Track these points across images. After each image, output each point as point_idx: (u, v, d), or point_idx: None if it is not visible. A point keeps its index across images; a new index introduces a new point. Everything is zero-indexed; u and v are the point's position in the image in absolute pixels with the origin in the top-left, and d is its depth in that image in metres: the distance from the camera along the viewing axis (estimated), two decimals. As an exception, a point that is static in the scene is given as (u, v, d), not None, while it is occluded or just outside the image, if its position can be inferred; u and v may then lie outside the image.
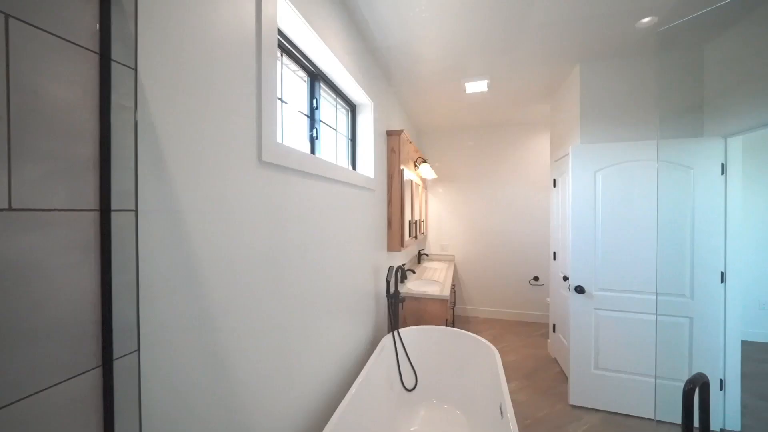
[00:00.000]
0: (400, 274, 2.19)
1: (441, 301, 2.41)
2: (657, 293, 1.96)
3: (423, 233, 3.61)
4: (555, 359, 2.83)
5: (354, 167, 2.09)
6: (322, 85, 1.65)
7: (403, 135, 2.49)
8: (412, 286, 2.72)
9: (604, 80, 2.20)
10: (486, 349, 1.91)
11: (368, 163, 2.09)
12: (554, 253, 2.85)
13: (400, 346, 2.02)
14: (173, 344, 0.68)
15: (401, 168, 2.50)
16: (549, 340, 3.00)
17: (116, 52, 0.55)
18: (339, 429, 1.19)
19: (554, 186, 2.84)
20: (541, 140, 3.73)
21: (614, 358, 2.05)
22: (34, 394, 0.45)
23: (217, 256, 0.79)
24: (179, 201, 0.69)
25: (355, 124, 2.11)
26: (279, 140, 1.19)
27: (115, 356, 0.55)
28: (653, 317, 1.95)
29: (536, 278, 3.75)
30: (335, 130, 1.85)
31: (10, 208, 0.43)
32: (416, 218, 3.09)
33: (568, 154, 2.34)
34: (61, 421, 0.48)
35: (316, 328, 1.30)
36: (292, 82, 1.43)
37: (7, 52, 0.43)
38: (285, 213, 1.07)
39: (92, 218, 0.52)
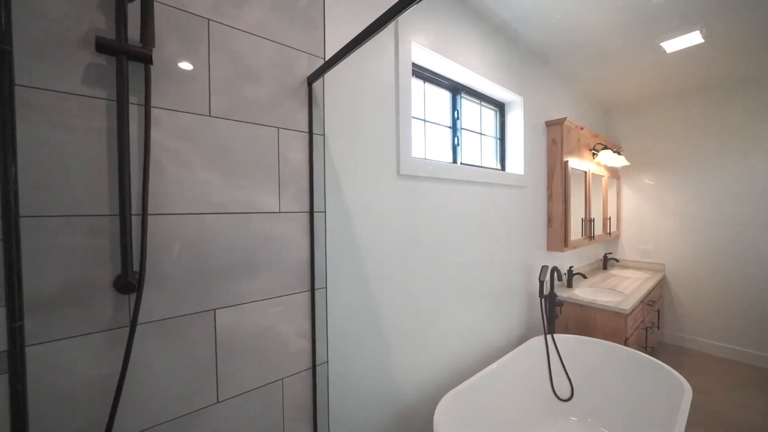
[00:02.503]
0: (558, 275, 2.02)
1: (616, 314, 2.04)
2: None
3: (609, 233, 3.01)
4: None
5: (503, 166, 2.15)
6: (463, 95, 1.86)
7: (566, 123, 2.27)
8: (580, 291, 2.41)
9: None
10: (673, 381, 1.53)
11: (518, 161, 2.09)
12: None
13: (553, 351, 1.93)
14: (343, 287, 1.15)
15: (565, 160, 2.28)
16: None
17: (315, 128, 1.05)
18: (467, 394, 1.41)
19: None
20: None
21: None
22: (288, 294, 1.00)
23: (368, 241, 1.22)
24: (346, 205, 1.16)
25: (504, 123, 2.16)
26: (414, 155, 1.53)
27: (315, 287, 1.06)
28: None
29: (842, 315, 2.30)
30: (480, 134, 2.00)
31: (279, 212, 0.98)
32: (593, 215, 2.66)
33: None
34: (294, 310, 1.02)
35: (447, 308, 1.56)
36: (435, 97, 1.73)
37: (278, 144, 0.98)
38: (416, 213, 1.40)
39: (306, 216, 1.04)
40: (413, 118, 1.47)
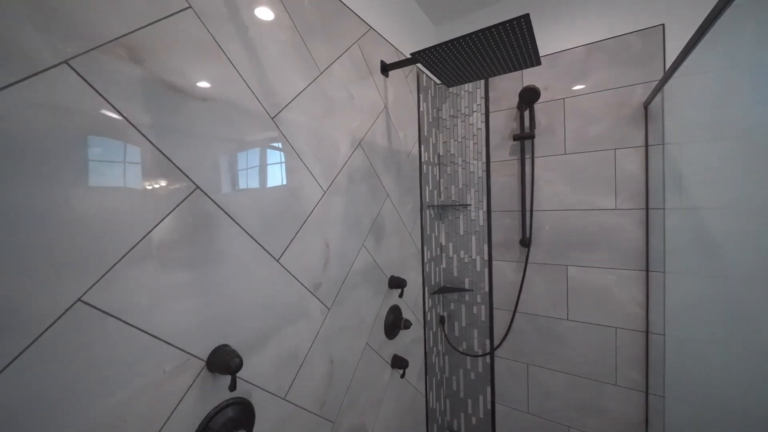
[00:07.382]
0: None
1: None
2: None
3: None
4: None
5: None
6: None
7: None
8: None
9: None
10: None
11: None
12: None
13: None
14: (686, 277, 1.26)
15: None
16: None
17: (651, 140, 1.29)
18: None
19: None
20: None
21: None
22: (621, 269, 1.37)
23: (725, 240, 1.19)
24: (692, 203, 1.24)
25: None
26: None
27: (650, 270, 1.31)
28: None
29: None
30: None
31: (615, 208, 1.37)
32: None
33: None
34: (627, 282, 1.36)
35: None
36: None
37: (615, 160, 1.37)
38: None
39: (642, 212, 1.32)
40: None
